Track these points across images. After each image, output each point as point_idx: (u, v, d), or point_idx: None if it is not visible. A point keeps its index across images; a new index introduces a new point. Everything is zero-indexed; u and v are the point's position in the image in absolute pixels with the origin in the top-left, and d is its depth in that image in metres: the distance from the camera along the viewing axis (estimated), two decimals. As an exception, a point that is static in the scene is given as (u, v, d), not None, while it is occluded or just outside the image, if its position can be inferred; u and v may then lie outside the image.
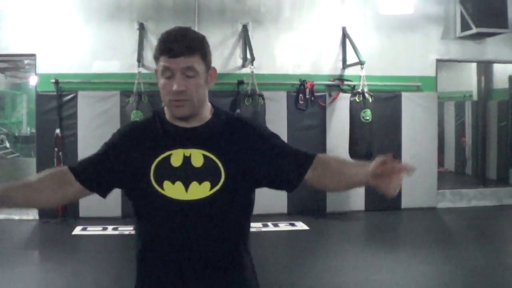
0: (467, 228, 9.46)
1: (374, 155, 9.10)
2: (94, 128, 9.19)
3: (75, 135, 9.35)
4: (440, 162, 12.65)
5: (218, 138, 2.19)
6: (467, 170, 14.16)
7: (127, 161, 2.19)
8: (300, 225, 8.96)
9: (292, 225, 8.96)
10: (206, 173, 2.13)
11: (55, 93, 9.26)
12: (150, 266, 2.20)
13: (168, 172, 2.12)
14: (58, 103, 9.29)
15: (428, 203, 10.43)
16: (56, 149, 9.18)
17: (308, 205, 9.63)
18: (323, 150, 9.90)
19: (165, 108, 2.23)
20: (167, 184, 2.11)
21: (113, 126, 8.92)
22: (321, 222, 9.37)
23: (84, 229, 8.58)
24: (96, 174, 2.23)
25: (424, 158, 10.27)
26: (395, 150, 10.17)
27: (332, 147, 9.92)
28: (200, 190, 2.11)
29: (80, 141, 9.31)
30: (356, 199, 10.06)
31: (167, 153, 2.15)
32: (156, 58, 2.13)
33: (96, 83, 9.38)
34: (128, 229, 8.01)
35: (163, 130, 2.20)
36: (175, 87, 2.07)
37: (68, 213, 9.19)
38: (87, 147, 9.14)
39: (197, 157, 2.14)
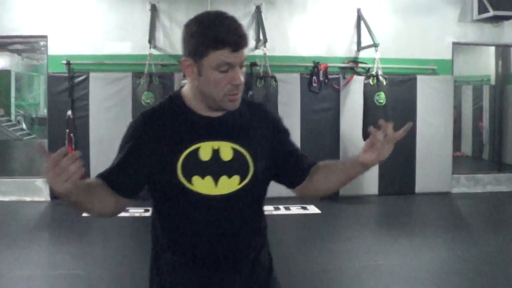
0: (482, 214, 9.35)
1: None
2: (106, 110, 9.20)
3: (86, 116, 9.33)
4: (457, 147, 12.53)
5: (244, 128, 2.14)
6: (484, 155, 14.06)
7: (151, 156, 2.04)
8: (312, 209, 8.89)
9: (304, 208, 8.90)
10: (236, 166, 2.08)
11: (66, 75, 9.26)
12: (179, 262, 2.14)
13: (197, 167, 2.04)
14: (70, 85, 9.27)
15: (442, 188, 10.31)
16: (67, 130, 9.15)
17: (321, 188, 9.55)
18: (337, 133, 9.84)
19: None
20: (196, 179, 2.03)
21: (125, 107, 8.98)
22: (333, 206, 9.26)
23: (94, 210, 8.55)
24: (130, 181, 2.08)
25: (439, 142, 10.18)
26: (410, 134, 10.03)
27: (345, 130, 9.84)
28: (229, 184, 2.07)
29: (91, 123, 9.31)
30: (370, 183, 9.96)
31: (195, 146, 2.04)
32: (207, 49, 1.92)
33: (107, 64, 9.35)
34: (139, 211, 7.98)
35: (189, 121, 2.08)
36: (238, 81, 1.96)
37: (79, 195, 9.17)
38: (99, 128, 9.21)
39: (226, 150, 2.07)
